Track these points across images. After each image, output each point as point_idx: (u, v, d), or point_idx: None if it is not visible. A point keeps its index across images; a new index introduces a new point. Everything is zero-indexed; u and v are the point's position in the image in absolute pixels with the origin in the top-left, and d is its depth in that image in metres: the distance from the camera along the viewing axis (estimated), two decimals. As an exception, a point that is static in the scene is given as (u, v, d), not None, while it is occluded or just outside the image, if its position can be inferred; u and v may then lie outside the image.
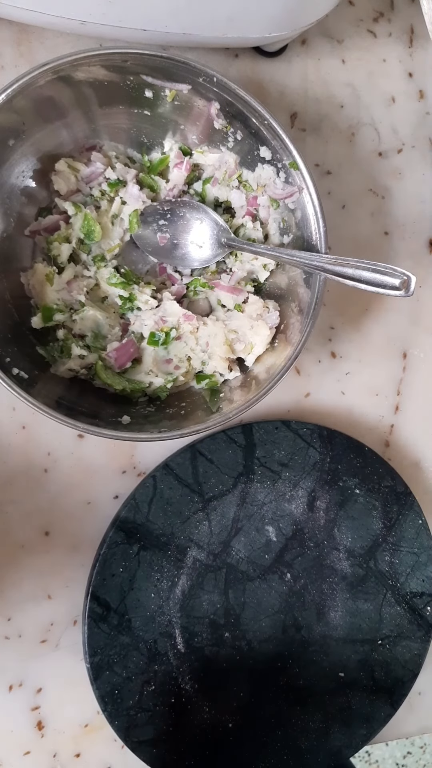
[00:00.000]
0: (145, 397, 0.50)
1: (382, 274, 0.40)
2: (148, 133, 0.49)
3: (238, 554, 0.54)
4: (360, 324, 0.58)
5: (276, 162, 0.47)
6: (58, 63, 0.41)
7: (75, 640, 0.52)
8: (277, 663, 0.54)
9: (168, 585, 0.52)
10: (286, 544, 0.55)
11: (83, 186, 0.48)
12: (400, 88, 0.57)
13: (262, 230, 0.50)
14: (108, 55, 0.42)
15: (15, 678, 0.52)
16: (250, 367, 0.50)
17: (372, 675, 0.55)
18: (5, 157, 0.44)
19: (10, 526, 0.51)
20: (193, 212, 0.49)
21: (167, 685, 0.52)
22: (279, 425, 0.54)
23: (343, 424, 0.58)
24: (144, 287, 0.49)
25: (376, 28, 0.56)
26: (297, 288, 0.48)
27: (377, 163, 0.57)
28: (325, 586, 0.55)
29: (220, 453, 0.53)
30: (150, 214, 0.48)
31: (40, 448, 0.52)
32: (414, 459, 0.60)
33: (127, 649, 0.51)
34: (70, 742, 0.53)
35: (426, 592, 0.56)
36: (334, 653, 0.55)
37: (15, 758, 0.52)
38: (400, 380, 0.59)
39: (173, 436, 0.44)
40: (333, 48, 0.55)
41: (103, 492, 0.53)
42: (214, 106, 0.46)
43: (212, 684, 0.53)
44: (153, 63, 0.43)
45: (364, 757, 1.40)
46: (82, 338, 0.48)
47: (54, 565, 0.52)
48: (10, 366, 0.43)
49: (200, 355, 0.49)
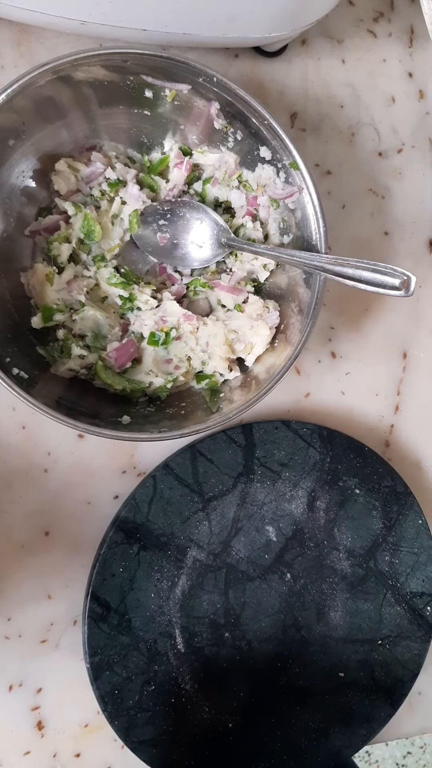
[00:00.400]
0: (145, 397, 0.50)
1: (382, 274, 0.40)
2: (148, 133, 0.49)
3: (238, 554, 0.54)
4: (360, 324, 0.58)
5: (276, 162, 0.47)
6: (58, 63, 0.41)
7: (75, 640, 0.52)
8: (277, 663, 0.54)
9: (168, 585, 0.52)
10: (286, 544, 0.55)
11: (83, 186, 0.48)
12: (400, 88, 0.57)
13: (262, 230, 0.50)
14: (108, 55, 0.42)
15: (15, 678, 0.52)
16: (250, 367, 0.50)
17: (372, 675, 0.55)
18: (5, 157, 0.44)
19: (10, 526, 0.51)
20: (193, 212, 0.49)
21: (167, 685, 0.52)
22: (279, 425, 0.54)
23: (343, 424, 0.58)
24: (144, 287, 0.49)
25: (376, 28, 0.56)
26: (297, 288, 0.48)
27: (377, 163, 0.57)
28: (325, 586, 0.55)
29: (220, 453, 0.53)
30: (150, 214, 0.48)
31: (40, 448, 0.52)
32: (414, 459, 0.60)
33: (127, 649, 0.51)
34: (70, 742, 0.53)
35: (426, 592, 0.56)
36: (334, 653, 0.55)
37: (15, 758, 0.52)
38: (400, 380, 0.59)
39: (173, 436, 0.44)
40: (333, 48, 0.55)
41: (103, 492, 0.53)
42: (214, 106, 0.46)
43: (212, 684, 0.53)
44: (153, 63, 0.43)
45: (364, 757, 1.40)
46: (82, 338, 0.48)
47: (54, 565, 0.52)
48: (10, 366, 0.43)
49: (200, 355, 0.49)
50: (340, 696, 0.55)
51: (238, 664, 0.53)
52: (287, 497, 0.54)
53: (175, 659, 0.52)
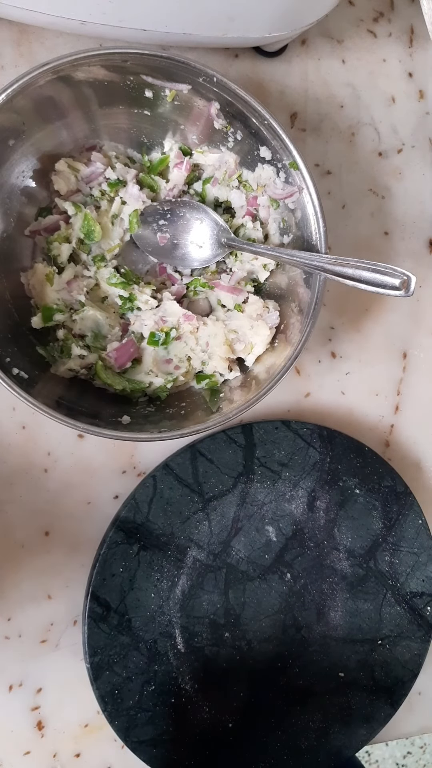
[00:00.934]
0: (145, 397, 0.50)
1: (382, 274, 0.40)
2: (148, 133, 0.49)
3: (238, 554, 0.54)
4: (360, 324, 0.58)
5: (276, 162, 0.47)
6: (58, 63, 0.41)
7: (75, 640, 0.52)
8: (277, 663, 0.54)
9: (168, 585, 0.52)
10: (286, 544, 0.55)
11: (83, 186, 0.48)
12: (400, 88, 0.57)
13: (262, 230, 0.50)
14: (108, 55, 0.42)
15: (15, 678, 0.52)
16: (250, 367, 0.50)
17: (372, 675, 0.55)
18: (5, 157, 0.44)
19: (10, 526, 0.51)
20: (193, 212, 0.49)
21: (167, 685, 0.52)
22: (279, 425, 0.54)
23: (343, 424, 0.58)
24: (144, 287, 0.49)
25: (376, 28, 0.56)
26: (297, 288, 0.48)
27: (377, 163, 0.57)
28: (325, 586, 0.55)
29: (220, 453, 0.53)
30: (150, 214, 0.48)
31: (40, 448, 0.52)
32: (414, 459, 0.60)
33: (127, 649, 0.51)
34: (70, 742, 0.53)
35: (426, 592, 0.56)
36: (334, 653, 0.55)
37: (15, 758, 0.52)
38: (400, 380, 0.59)
39: (173, 436, 0.44)
40: (333, 48, 0.55)
41: (103, 492, 0.53)
42: (214, 106, 0.46)
43: (212, 684, 0.53)
44: (153, 63, 0.43)
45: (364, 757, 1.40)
46: (82, 338, 0.48)
47: (54, 565, 0.52)
48: (10, 366, 0.43)
49: (200, 355, 0.49)
50: (340, 696, 0.55)
51: (238, 664, 0.53)
52: (287, 497, 0.54)
53: (175, 659, 0.52)
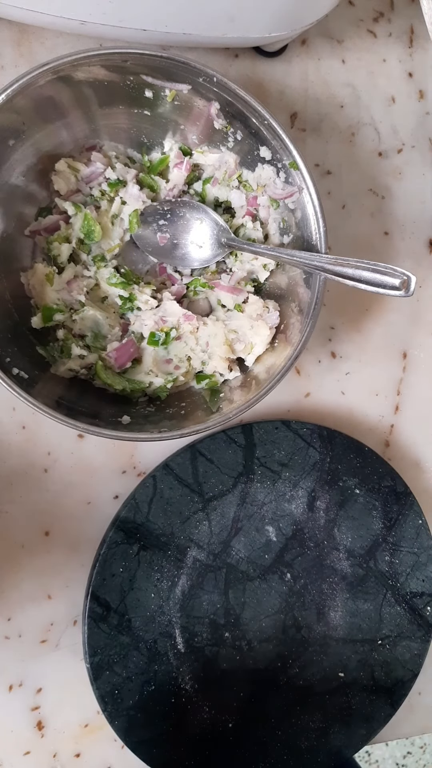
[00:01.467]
0: (145, 397, 0.50)
1: (382, 274, 0.40)
2: (148, 133, 0.49)
3: (238, 554, 0.54)
4: (360, 324, 0.58)
5: (276, 162, 0.47)
6: (58, 63, 0.41)
7: (75, 640, 0.52)
8: (277, 663, 0.54)
9: (168, 585, 0.52)
10: (286, 544, 0.55)
11: (83, 186, 0.48)
12: (400, 88, 0.57)
13: (262, 230, 0.50)
14: (108, 55, 0.42)
15: (15, 678, 0.52)
16: (250, 367, 0.50)
17: (372, 675, 0.55)
18: (5, 157, 0.44)
19: (10, 526, 0.51)
20: (193, 212, 0.49)
21: (167, 685, 0.52)
22: (279, 425, 0.54)
23: (343, 424, 0.58)
24: (144, 287, 0.49)
25: (376, 28, 0.56)
26: (297, 288, 0.48)
27: (377, 163, 0.57)
28: (325, 586, 0.55)
29: (220, 453, 0.53)
30: (150, 214, 0.48)
31: (40, 448, 0.52)
32: (414, 459, 0.60)
33: (127, 649, 0.51)
34: (70, 742, 0.53)
35: (426, 592, 0.56)
36: (334, 653, 0.55)
37: (15, 758, 0.52)
38: (400, 380, 0.59)
39: (173, 436, 0.44)
40: (333, 48, 0.55)
41: (103, 492, 0.53)
42: (214, 106, 0.46)
43: (212, 684, 0.53)
44: (153, 63, 0.43)
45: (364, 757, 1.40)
46: (82, 338, 0.48)
47: (54, 565, 0.52)
48: (10, 366, 0.43)
49: (200, 355, 0.49)
50: (340, 696, 0.55)
51: (238, 664, 0.53)
52: (287, 497, 0.54)
53: (175, 659, 0.52)
